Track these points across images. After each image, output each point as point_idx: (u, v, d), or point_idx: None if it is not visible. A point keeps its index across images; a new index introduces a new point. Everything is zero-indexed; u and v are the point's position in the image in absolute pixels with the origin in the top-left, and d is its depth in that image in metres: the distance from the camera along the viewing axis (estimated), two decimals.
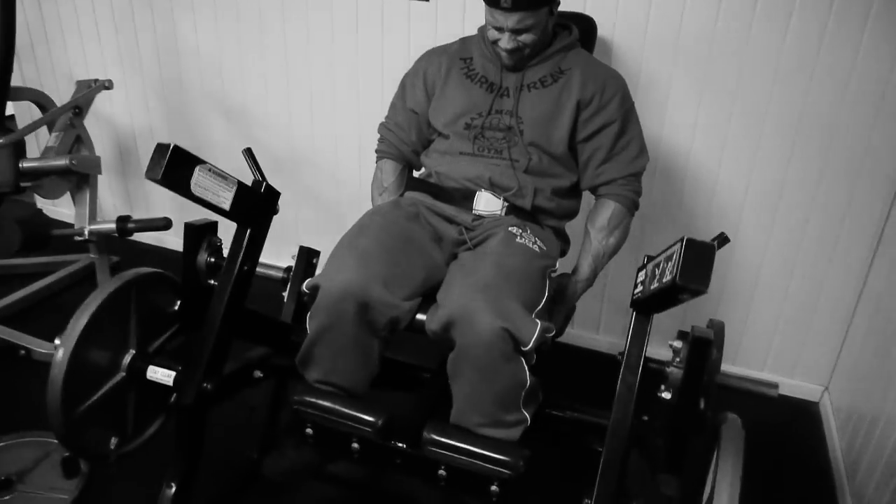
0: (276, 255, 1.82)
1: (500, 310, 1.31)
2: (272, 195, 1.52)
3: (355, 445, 1.39)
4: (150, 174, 1.23)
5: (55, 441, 1.89)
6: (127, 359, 1.51)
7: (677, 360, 1.28)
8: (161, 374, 1.45)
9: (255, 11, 2.46)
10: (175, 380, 1.45)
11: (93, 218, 2.30)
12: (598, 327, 2.52)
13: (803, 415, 2.28)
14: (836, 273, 2.14)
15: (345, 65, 2.43)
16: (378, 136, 1.83)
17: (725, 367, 2.29)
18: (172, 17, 2.59)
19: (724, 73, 2.01)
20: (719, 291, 2.29)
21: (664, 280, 1.09)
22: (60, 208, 3.12)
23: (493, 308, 1.31)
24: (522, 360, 1.33)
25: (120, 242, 2.72)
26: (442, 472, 1.36)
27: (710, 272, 1.05)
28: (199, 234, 1.50)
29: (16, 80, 2.92)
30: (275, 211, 1.54)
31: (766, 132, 2.04)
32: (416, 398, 1.56)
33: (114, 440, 1.55)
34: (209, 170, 1.32)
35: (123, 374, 1.52)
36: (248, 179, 1.48)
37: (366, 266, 1.42)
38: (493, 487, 1.32)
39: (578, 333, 2.50)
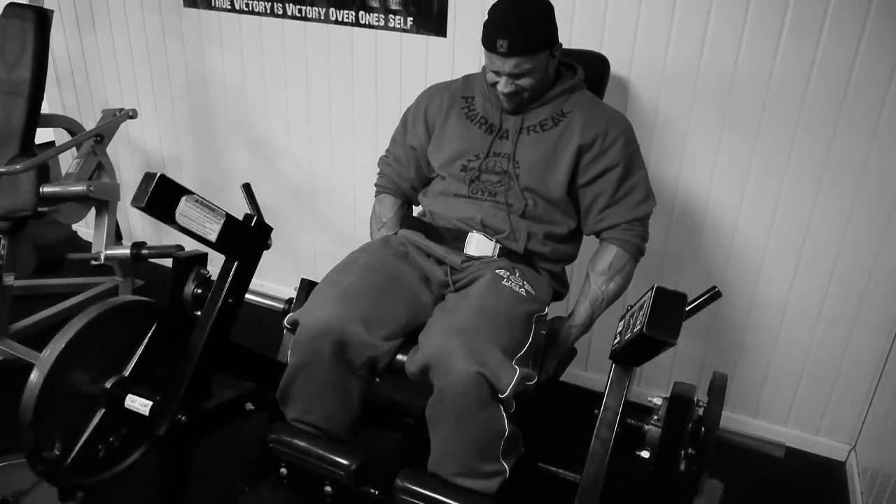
0: (293, 282, 1.80)
1: (476, 355, 1.27)
2: (264, 230, 1.51)
3: (328, 489, 1.35)
4: (136, 202, 1.24)
5: None
6: (108, 384, 1.49)
7: (655, 417, 1.21)
8: (139, 404, 1.43)
9: (279, 46, 2.50)
10: (151, 410, 1.44)
11: (111, 243, 2.35)
12: (586, 364, 2.45)
13: (829, 474, 2.15)
14: (863, 326, 2.03)
15: (364, 98, 2.45)
16: (377, 169, 1.82)
17: (746, 419, 2.23)
18: (202, 51, 2.66)
19: (745, 114, 1.94)
20: (740, 340, 2.19)
21: (635, 330, 1.04)
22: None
23: (470, 352, 1.27)
24: (500, 407, 1.28)
25: (146, 266, 2.78)
26: None
27: (681, 323, 0.99)
28: (188, 265, 1.51)
29: (55, 107, 3.06)
30: (266, 245, 1.53)
31: (789, 175, 1.95)
32: (394, 444, 1.52)
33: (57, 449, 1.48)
34: (196, 201, 1.33)
35: (103, 399, 1.50)
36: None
37: (346, 303, 1.40)
38: None
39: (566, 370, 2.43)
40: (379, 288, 1.45)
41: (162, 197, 1.27)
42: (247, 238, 1.47)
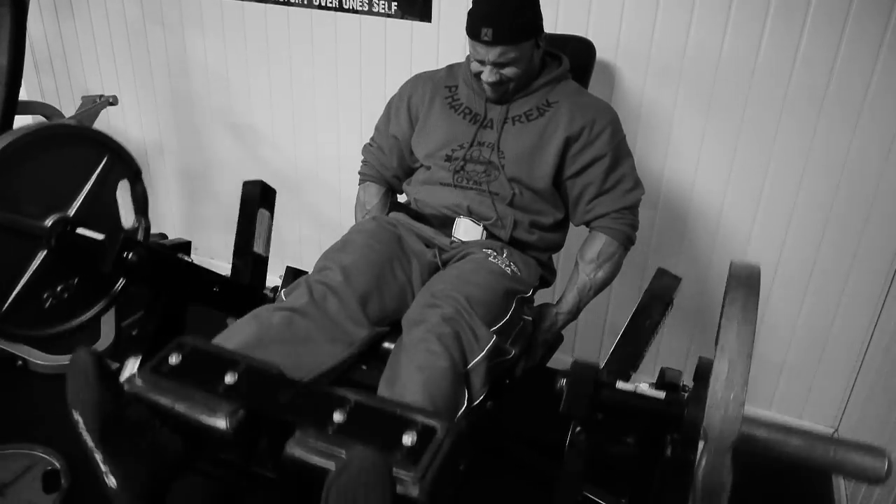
0: (278, 270, 1.79)
1: (452, 316, 1.28)
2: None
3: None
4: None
5: (40, 454, 1.92)
6: (48, 223, 1.35)
7: None
8: (90, 233, 1.36)
9: (262, 31, 2.47)
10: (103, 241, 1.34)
11: None
12: (573, 349, 2.45)
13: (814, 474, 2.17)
14: (845, 312, 2.05)
15: (348, 84, 2.43)
16: (362, 157, 1.81)
17: None
18: (183, 35, 2.62)
19: (729, 101, 1.94)
20: None
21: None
22: None
23: (446, 313, 1.28)
24: (464, 385, 1.26)
25: None
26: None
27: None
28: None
29: (33, 94, 3.00)
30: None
31: (773, 162, 1.96)
32: None
33: None
34: None
35: (43, 238, 1.35)
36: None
37: (348, 282, 1.39)
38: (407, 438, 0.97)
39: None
40: (377, 270, 1.45)
41: None
42: None
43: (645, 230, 2.12)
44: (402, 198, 1.80)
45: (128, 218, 1.43)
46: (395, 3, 2.22)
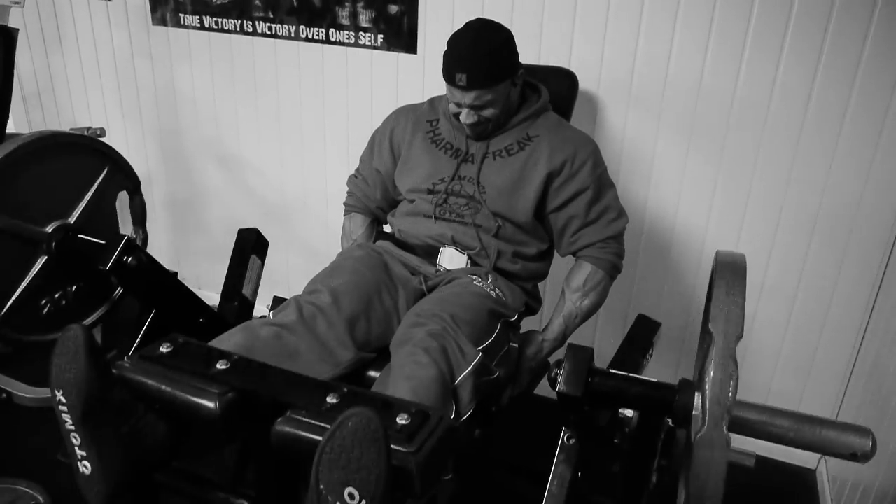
0: (265, 299, 1.79)
1: (439, 332, 1.29)
2: None
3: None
4: None
5: (24, 489, 1.89)
6: (49, 229, 1.40)
7: (626, 430, 1.22)
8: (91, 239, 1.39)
9: (250, 64, 2.50)
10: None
11: None
12: None
13: (799, 484, 2.17)
14: (830, 335, 2.06)
15: (335, 116, 2.45)
16: (347, 189, 1.82)
17: None
18: (171, 68, 2.64)
19: (711, 128, 1.97)
20: None
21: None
22: None
23: (432, 330, 1.29)
24: (452, 399, 1.26)
25: None
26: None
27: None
28: None
29: (22, 127, 3.01)
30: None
31: (755, 187, 1.99)
32: None
33: None
34: None
35: (43, 245, 1.39)
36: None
37: (337, 304, 1.40)
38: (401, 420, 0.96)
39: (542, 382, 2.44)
40: (365, 295, 1.46)
41: None
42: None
43: (630, 259, 2.13)
44: (387, 228, 1.81)
45: (126, 228, 1.43)
46: (381, 36, 2.25)
